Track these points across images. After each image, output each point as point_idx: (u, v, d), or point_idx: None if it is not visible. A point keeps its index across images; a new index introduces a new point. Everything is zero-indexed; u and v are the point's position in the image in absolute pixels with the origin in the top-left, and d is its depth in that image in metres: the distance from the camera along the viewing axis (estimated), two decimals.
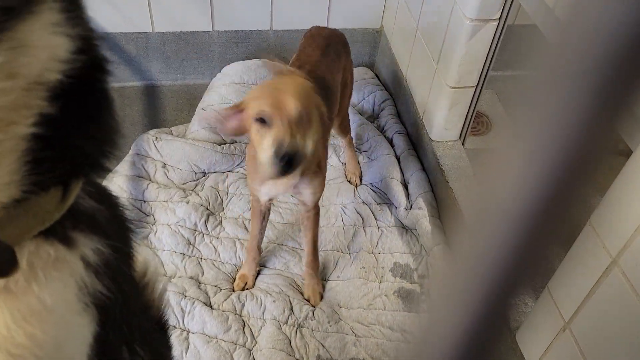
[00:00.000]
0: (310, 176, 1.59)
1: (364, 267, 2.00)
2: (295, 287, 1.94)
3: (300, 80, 1.43)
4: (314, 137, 1.39)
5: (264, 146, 1.32)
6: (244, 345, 1.75)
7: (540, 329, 1.47)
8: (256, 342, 1.77)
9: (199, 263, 1.96)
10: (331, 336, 1.80)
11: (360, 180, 2.27)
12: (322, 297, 1.92)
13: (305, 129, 1.34)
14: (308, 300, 1.91)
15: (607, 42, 0.19)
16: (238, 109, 1.44)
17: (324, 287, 1.95)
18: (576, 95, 0.20)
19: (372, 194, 2.22)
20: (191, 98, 2.62)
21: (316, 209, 1.78)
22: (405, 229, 2.14)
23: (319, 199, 1.75)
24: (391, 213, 2.17)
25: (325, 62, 1.87)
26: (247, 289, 1.90)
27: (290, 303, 1.86)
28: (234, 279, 1.93)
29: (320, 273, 1.96)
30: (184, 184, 2.19)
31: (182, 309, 1.80)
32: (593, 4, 0.19)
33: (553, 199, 0.24)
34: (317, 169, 1.62)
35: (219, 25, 2.56)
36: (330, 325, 1.83)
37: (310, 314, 1.85)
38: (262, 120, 1.34)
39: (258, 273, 1.95)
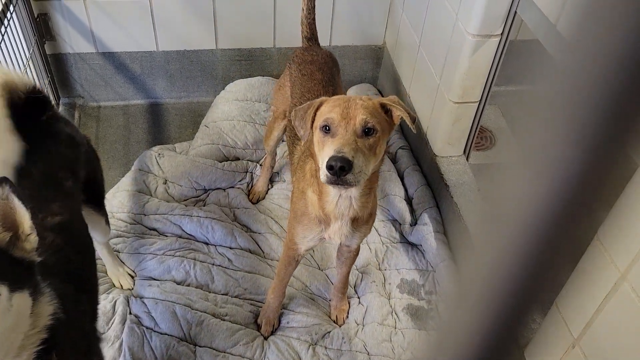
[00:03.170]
0: (362, 226, 1.52)
1: (374, 281, 1.99)
2: (317, 306, 1.93)
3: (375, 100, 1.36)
4: (374, 158, 1.30)
5: (324, 154, 1.27)
6: (252, 359, 1.74)
7: (549, 346, 1.45)
8: (266, 356, 1.76)
9: (210, 270, 1.95)
10: (344, 354, 1.79)
11: None
12: (347, 317, 1.90)
13: (366, 151, 1.27)
14: (335, 321, 1.89)
15: (614, 60, 0.18)
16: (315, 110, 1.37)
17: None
18: (583, 112, 0.20)
19: None
20: (195, 115, 2.63)
21: (358, 250, 1.73)
22: (410, 244, 2.13)
23: (361, 241, 1.65)
24: (395, 229, 2.16)
25: (331, 90, 1.77)
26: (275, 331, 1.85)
27: (308, 320, 1.85)
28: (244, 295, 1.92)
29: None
30: (184, 200, 2.19)
31: (188, 321, 1.79)
32: (599, 23, 0.19)
33: (561, 215, 0.24)
34: (369, 218, 1.53)
35: (222, 43, 2.58)
36: (345, 342, 1.81)
37: (327, 332, 1.84)
38: (326, 129, 1.29)
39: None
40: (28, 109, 1.31)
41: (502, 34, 1.85)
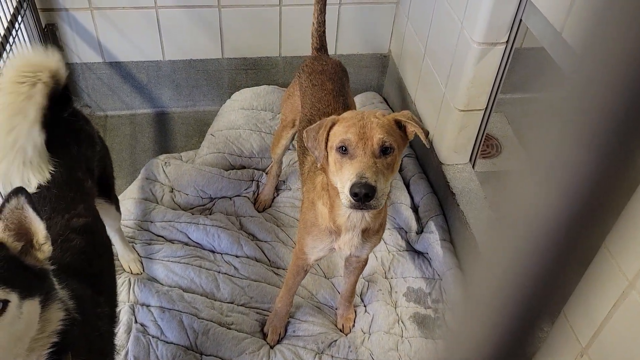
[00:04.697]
0: (376, 232, 1.51)
1: (380, 290, 1.98)
2: (324, 315, 1.92)
3: (389, 117, 1.34)
4: (391, 176, 1.30)
5: (344, 177, 1.26)
6: None
7: (557, 355, 1.44)
8: None
9: (216, 278, 1.95)
10: None
11: None
12: (354, 325, 1.90)
13: (385, 170, 1.27)
14: (341, 330, 1.89)
15: (622, 67, 0.18)
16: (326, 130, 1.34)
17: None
18: (591, 119, 0.20)
19: None
20: (201, 124, 2.64)
21: (366, 260, 1.72)
22: (416, 253, 2.12)
23: (371, 251, 1.63)
24: (401, 237, 2.16)
25: (342, 100, 1.76)
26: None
27: (315, 329, 1.85)
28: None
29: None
30: (190, 208, 2.20)
31: (194, 330, 1.79)
32: (608, 33, 0.19)
33: (569, 223, 0.24)
34: (379, 228, 1.52)
35: (228, 52, 2.60)
36: (351, 351, 1.81)
37: (333, 341, 1.83)
38: (343, 150, 1.28)
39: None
40: (53, 104, 1.33)
41: (507, 41, 1.85)
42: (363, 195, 1.20)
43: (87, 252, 1.22)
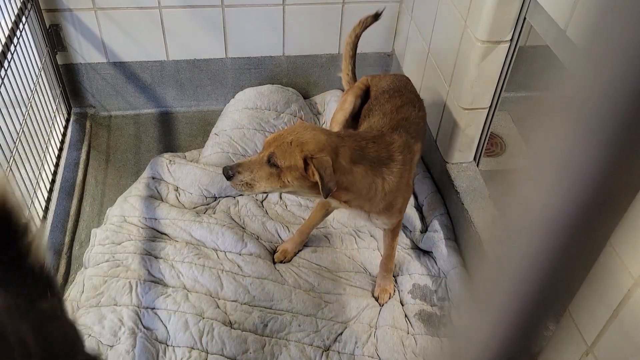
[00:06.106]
0: (380, 214, 1.73)
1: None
2: (324, 306, 1.92)
3: (304, 147, 1.51)
4: (277, 182, 1.54)
5: None
6: None
7: (562, 354, 1.44)
8: None
9: (219, 276, 1.95)
10: (357, 359, 1.78)
11: None
12: (391, 297, 1.96)
13: (266, 175, 1.53)
14: (376, 299, 1.96)
15: (626, 68, 0.18)
16: None
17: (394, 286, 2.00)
18: (596, 117, 0.20)
19: None
20: (205, 124, 2.65)
21: (392, 230, 1.87)
22: (422, 251, 2.12)
23: (393, 225, 1.83)
24: (406, 236, 2.16)
25: (398, 101, 1.92)
26: (285, 262, 2.04)
27: (317, 325, 1.85)
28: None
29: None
30: (194, 207, 2.20)
31: (199, 330, 1.79)
32: (612, 31, 0.19)
33: (574, 221, 0.24)
34: (389, 208, 1.71)
35: (232, 52, 2.60)
36: (357, 347, 1.81)
37: (339, 335, 1.84)
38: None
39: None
40: None
41: (511, 40, 1.84)
42: (222, 173, 1.56)
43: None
